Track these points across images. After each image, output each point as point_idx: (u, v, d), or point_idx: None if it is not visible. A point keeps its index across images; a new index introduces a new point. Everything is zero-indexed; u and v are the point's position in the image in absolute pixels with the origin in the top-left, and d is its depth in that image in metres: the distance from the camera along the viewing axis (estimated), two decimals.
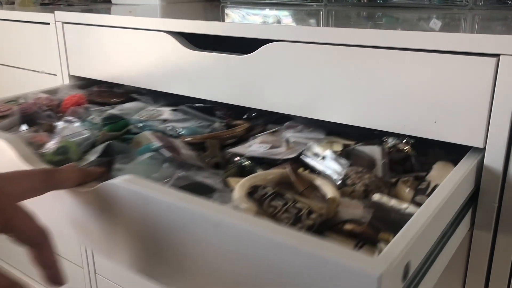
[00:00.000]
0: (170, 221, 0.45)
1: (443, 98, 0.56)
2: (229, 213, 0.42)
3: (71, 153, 0.68)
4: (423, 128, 0.59)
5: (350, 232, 0.48)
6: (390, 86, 0.60)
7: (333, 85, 0.64)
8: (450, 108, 0.56)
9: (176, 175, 0.60)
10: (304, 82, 0.67)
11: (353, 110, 0.64)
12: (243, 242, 0.40)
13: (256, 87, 0.72)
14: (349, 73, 0.62)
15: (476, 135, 0.55)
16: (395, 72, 0.59)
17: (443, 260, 0.51)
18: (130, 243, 0.51)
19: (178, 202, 0.44)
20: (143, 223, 0.48)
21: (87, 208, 0.53)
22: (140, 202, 0.47)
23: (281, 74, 0.69)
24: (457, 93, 0.55)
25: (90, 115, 0.83)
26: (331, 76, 0.64)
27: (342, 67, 0.63)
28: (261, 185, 0.54)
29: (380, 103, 0.61)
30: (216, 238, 0.42)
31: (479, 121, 0.55)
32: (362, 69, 0.61)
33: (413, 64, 0.57)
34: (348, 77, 0.63)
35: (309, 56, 0.65)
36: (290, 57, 0.67)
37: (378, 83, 0.61)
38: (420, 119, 0.59)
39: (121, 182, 0.49)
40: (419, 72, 0.57)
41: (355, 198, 0.55)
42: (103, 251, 0.55)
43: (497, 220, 0.59)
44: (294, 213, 0.49)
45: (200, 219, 0.43)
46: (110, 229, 0.52)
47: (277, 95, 0.71)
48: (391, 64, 0.59)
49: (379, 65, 0.60)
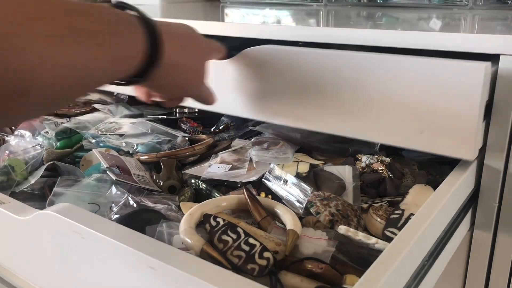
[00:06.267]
0: (107, 258, 0.44)
1: (430, 106, 0.52)
2: (165, 255, 0.39)
3: (16, 172, 0.64)
4: (408, 138, 0.54)
5: (310, 272, 0.43)
6: (373, 92, 0.55)
7: (313, 91, 0.59)
8: (437, 117, 0.52)
9: (124, 200, 0.56)
10: (283, 87, 0.62)
11: (333, 118, 0.59)
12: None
13: (230, 93, 0.66)
14: (330, 79, 0.58)
15: (465, 147, 0.51)
16: (378, 77, 0.54)
17: (443, 260, 0.51)
18: None
19: (112, 238, 0.42)
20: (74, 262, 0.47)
21: (26, 235, 0.52)
22: (71, 237, 0.46)
23: (259, 79, 0.64)
24: (445, 101, 0.51)
25: (44, 128, 0.76)
26: (311, 82, 0.59)
27: (322, 72, 0.58)
28: (212, 215, 0.49)
29: (363, 110, 0.56)
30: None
31: (468, 131, 0.50)
32: (341, 74, 0.57)
33: (397, 70, 0.53)
34: (328, 83, 0.58)
35: (290, 61, 0.60)
36: (268, 61, 0.62)
37: (361, 89, 0.56)
38: (405, 129, 0.54)
39: (52, 214, 0.47)
40: (404, 78, 0.53)
41: (319, 229, 0.50)
42: None
43: (497, 220, 0.59)
44: (246, 250, 0.44)
45: (135, 260, 0.41)
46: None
47: (251, 101, 0.66)
48: (374, 68, 0.54)
49: (361, 70, 0.55)
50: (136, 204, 0.56)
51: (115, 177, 0.60)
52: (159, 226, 0.50)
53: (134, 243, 0.41)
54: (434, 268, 0.48)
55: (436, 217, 0.45)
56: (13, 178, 0.64)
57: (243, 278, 0.37)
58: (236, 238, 0.45)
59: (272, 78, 0.62)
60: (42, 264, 0.52)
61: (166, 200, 0.57)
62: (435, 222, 0.46)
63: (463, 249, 0.62)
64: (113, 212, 0.55)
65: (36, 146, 0.71)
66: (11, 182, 0.64)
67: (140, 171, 0.65)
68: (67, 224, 0.45)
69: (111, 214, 0.55)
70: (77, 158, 0.71)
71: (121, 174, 0.62)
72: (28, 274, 0.55)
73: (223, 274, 0.37)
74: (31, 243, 0.52)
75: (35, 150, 0.70)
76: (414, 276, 0.43)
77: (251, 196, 0.54)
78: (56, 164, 0.67)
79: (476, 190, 0.59)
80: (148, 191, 0.61)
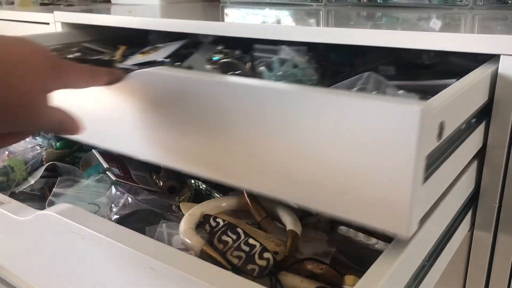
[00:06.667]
0: (106, 259, 0.43)
1: (353, 159, 0.36)
2: (165, 256, 0.39)
3: (15, 173, 0.64)
4: (325, 201, 0.39)
5: (310, 272, 0.43)
6: (276, 135, 0.40)
7: (206, 130, 0.44)
8: (362, 176, 0.36)
9: (124, 200, 0.56)
10: (171, 119, 0.47)
11: (234, 165, 0.44)
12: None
13: (106, 124, 0.53)
14: (222, 114, 0.43)
15: (397, 218, 0.36)
16: (282, 116, 0.39)
17: (443, 261, 0.51)
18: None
19: (111, 239, 0.42)
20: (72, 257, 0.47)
21: (26, 236, 0.52)
22: (71, 238, 0.45)
23: (139, 110, 0.49)
24: (371, 154, 0.36)
25: None
26: (202, 116, 0.44)
27: (217, 105, 0.43)
28: (212, 215, 0.49)
29: (261, 158, 0.42)
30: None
31: (400, 198, 0.35)
32: (233, 110, 0.42)
33: (310, 107, 0.38)
34: (222, 120, 0.43)
35: (181, 88, 0.45)
36: (151, 88, 0.47)
37: (263, 129, 0.41)
38: (321, 187, 0.39)
39: (52, 214, 0.46)
40: (319, 118, 0.37)
41: (320, 230, 0.50)
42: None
43: (498, 220, 0.59)
44: (246, 251, 0.43)
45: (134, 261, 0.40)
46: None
47: (130, 135, 0.51)
48: (272, 105, 0.39)
49: (262, 107, 0.40)
50: (136, 205, 0.56)
51: (115, 178, 0.60)
52: (159, 226, 0.50)
53: (134, 244, 0.41)
54: (434, 269, 0.48)
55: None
56: (13, 178, 0.64)
57: (243, 279, 0.37)
58: (236, 239, 0.45)
59: (154, 108, 0.48)
60: (42, 264, 0.52)
61: (166, 201, 0.57)
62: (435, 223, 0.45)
63: (463, 250, 0.62)
64: (113, 213, 0.55)
65: (36, 146, 0.71)
66: (10, 182, 0.64)
67: (140, 171, 0.65)
68: (67, 224, 0.45)
69: (111, 215, 0.55)
70: (76, 158, 0.71)
71: (121, 174, 0.62)
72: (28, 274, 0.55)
73: (223, 275, 0.37)
74: (30, 244, 0.52)
75: (35, 150, 0.70)
76: (414, 277, 0.43)
77: (251, 197, 0.53)
78: (55, 164, 0.66)
79: (476, 190, 0.59)
80: (148, 191, 0.61)
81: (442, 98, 0.41)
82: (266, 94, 0.40)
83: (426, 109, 0.33)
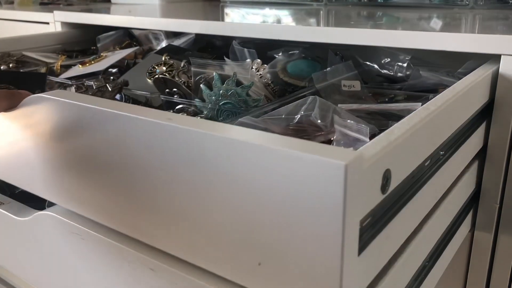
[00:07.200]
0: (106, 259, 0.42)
1: (271, 222, 0.29)
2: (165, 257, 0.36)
3: None
4: (240, 271, 0.32)
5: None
6: (184, 189, 0.33)
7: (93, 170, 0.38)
8: (281, 244, 0.29)
9: None
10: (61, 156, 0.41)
11: (130, 218, 0.39)
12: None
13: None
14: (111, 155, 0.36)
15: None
16: (193, 162, 0.32)
17: (444, 261, 0.51)
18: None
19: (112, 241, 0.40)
20: None
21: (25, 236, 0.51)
22: (71, 238, 0.45)
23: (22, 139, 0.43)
24: (292, 215, 0.28)
25: None
26: (90, 154, 0.38)
27: (107, 142, 0.36)
28: None
29: (163, 216, 0.36)
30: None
31: (327, 272, 0.27)
32: (132, 151, 0.35)
33: (223, 156, 0.30)
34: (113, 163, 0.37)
35: (71, 119, 0.38)
36: (37, 115, 0.40)
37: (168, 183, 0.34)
38: (235, 256, 0.32)
39: (52, 215, 0.46)
40: (233, 171, 0.30)
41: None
42: None
43: (498, 221, 0.59)
44: None
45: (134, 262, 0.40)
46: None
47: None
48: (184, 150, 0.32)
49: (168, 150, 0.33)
50: None
51: None
52: None
53: (134, 245, 0.41)
54: (435, 269, 0.48)
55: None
56: None
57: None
58: None
59: (51, 142, 0.41)
60: (42, 265, 0.52)
61: None
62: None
63: (464, 250, 0.62)
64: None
65: None
66: None
67: None
68: (67, 225, 0.45)
69: None
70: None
71: None
72: (28, 275, 0.55)
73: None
74: (30, 244, 0.52)
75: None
76: (414, 277, 0.43)
77: None
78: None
79: (477, 191, 0.59)
80: None
81: (391, 137, 0.32)
82: (171, 133, 0.32)
83: (354, 162, 0.25)
